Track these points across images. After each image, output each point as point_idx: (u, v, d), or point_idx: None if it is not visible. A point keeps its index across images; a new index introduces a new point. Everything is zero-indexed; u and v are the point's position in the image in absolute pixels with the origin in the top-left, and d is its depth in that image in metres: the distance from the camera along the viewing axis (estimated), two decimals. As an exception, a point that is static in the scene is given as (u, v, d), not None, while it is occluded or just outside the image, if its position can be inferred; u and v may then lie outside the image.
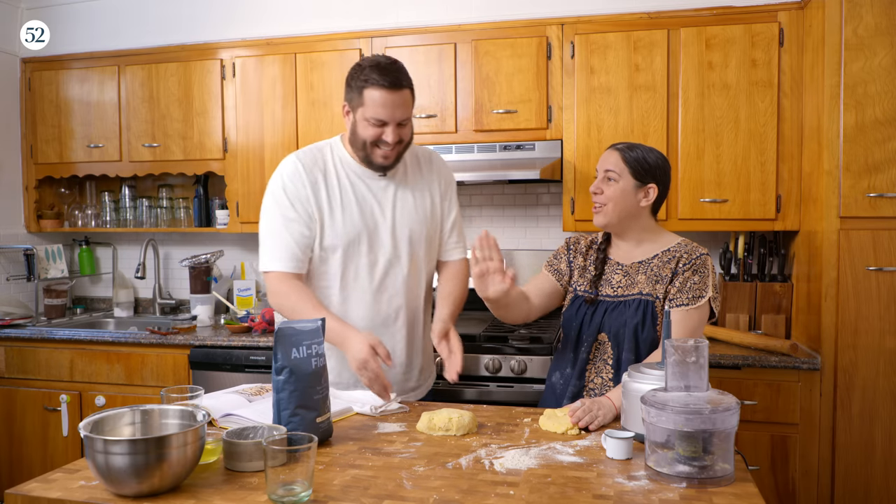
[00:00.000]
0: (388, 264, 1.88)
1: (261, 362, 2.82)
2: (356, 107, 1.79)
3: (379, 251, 1.88)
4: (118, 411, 1.28)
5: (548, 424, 1.54)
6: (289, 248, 1.82)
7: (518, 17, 2.95)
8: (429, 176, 1.98)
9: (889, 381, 2.34)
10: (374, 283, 1.88)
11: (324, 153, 1.90)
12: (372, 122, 1.76)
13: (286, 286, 1.80)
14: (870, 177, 2.34)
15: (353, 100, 1.79)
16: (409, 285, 1.92)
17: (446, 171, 2.04)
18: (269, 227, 1.86)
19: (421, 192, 1.95)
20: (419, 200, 1.93)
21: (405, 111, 1.78)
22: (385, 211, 1.89)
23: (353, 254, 1.86)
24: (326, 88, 3.09)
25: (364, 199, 1.88)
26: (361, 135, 1.79)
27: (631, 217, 1.79)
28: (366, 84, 1.75)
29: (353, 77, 1.79)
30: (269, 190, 1.89)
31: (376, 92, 1.73)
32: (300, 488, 1.15)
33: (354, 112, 1.80)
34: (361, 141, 1.80)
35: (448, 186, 2.02)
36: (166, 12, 3.39)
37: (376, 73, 1.74)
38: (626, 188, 1.77)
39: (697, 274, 1.74)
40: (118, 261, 3.81)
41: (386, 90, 1.73)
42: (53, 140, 3.48)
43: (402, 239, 1.89)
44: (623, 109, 2.79)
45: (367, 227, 1.86)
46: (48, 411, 3.09)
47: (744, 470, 1.30)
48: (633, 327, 1.75)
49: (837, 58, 2.36)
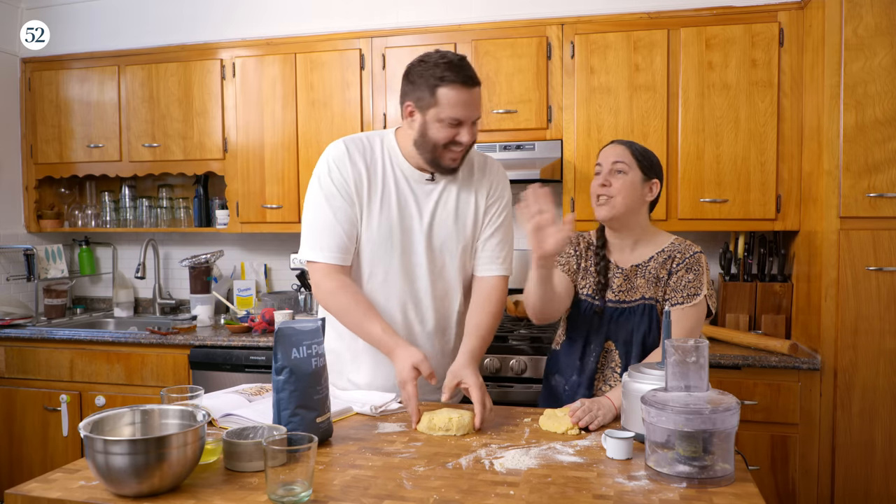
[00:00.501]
0: (418, 271, 1.78)
1: (261, 362, 2.82)
2: (426, 107, 1.66)
3: (411, 256, 1.77)
4: (118, 411, 1.28)
5: (548, 424, 1.54)
6: (336, 238, 1.72)
7: (518, 17, 2.95)
8: (479, 183, 1.83)
9: (889, 381, 2.34)
10: (402, 288, 1.78)
11: (373, 144, 1.79)
12: (448, 122, 1.65)
13: (334, 283, 1.70)
14: (870, 177, 2.34)
15: (423, 99, 1.66)
16: (439, 296, 1.80)
17: (499, 180, 1.86)
18: (315, 213, 1.74)
19: (466, 199, 1.80)
20: (462, 208, 1.80)
21: (479, 109, 1.69)
22: (424, 216, 1.77)
23: (384, 254, 1.76)
24: (326, 88, 3.09)
25: (405, 199, 1.76)
26: (434, 137, 1.67)
27: (634, 212, 1.78)
28: (441, 82, 1.63)
29: (422, 75, 1.66)
30: (314, 175, 1.77)
31: (453, 91, 1.63)
32: (300, 488, 1.15)
33: (424, 112, 1.67)
34: (432, 143, 1.68)
35: (497, 196, 1.85)
36: (166, 12, 3.39)
37: (451, 70, 1.63)
38: (636, 181, 1.76)
39: (692, 272, 1.74)
40: (118, 261, 3.81)
41: (464, 88, 1.63)
42: (53, 140, 3.48)
43: (436, 247, 1.78)
44: (623, 109, 2.79)
45: (401, 229, 1.75)
46: (48, 411, 3.09)
47: (744, 470, 1.30)
48: (641, 335, 1.75)
49: (837, 58, 2.36)
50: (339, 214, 1.73)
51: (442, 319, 1.83)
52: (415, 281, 1.79)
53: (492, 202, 1.84)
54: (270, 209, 3.18)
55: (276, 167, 3.16)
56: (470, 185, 1.82)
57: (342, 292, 1.70)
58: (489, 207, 1.83)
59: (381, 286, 1.78)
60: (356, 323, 1.70)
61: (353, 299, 1.69)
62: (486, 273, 1.83)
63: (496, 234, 1.83)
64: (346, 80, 3.06)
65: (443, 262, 1.80)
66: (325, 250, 1.72)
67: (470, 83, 1.65)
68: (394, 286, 1.78)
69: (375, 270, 1.77)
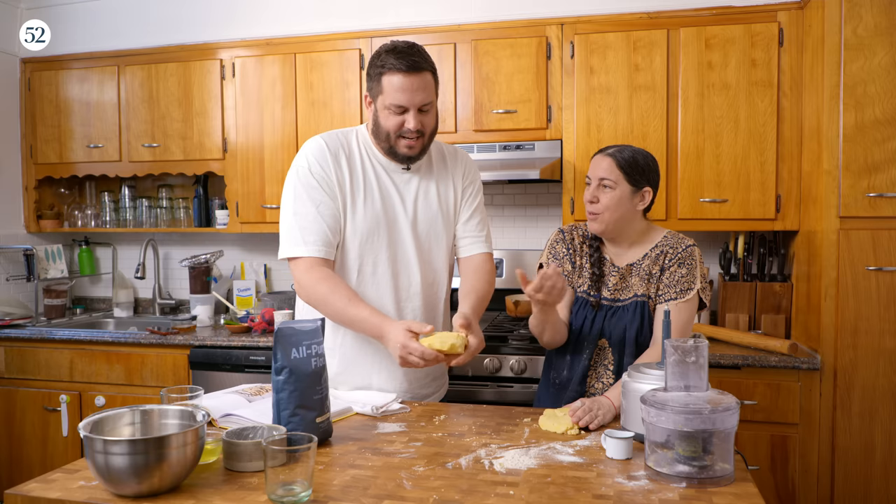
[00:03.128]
0: (407, 260, 1.80)
1: (260, 362, 2.82)
2: (376, 95, 1.71)
3: (398, 246, 1.80)
4: (118, 411, 1.28)
5: (548, 424, 1.54)
6: (319, 232, 1.71)
7: (518, 17, 2.95)
8: (453, 169, 1.88)
9: (889, 381, 2.34)
10: (392, 279, 1.79)
11: (349, 138, 1.81)
12: (392, 109, 1.68)
13: (315, 274, 1.70)
14: (869, 177, 2.34)
15: (373, 88, 1.71)
16: (428, 283, 1.84)
17: (471, 165, 1.94)
18: (295, 209, 1.73)
19: (444, 187, 1.86)
20: (442, 196, 1.85)
21: (426, 95, 1.69)
22: (407, 205, 1.80)
23: (371, 247, 1.78)
24: (326, 88, 3.09)
25: (387, 190, 1.79)
26: (384, 125, 1.71)
27: (626, 222, 1.78)
28: (383, 69, 1.67)
29: (372, 65, 1.71)
30: (293, 170, 1.77)
31: (395, 77, 1.65)
32: (300, 488, 1.15)
33: (375, 101, 1.72)
34: (385, 132, 1.72)
35: (471, 180, 1.91)
36: (166, 12, 3.39)
37: (393, 57, 1.66)
38: (623, 195, 1.75)
39: (684, 266, 1.74)
40: (118, 261, 3.81)
41: (404, 74, 1.65)
42: (53, 140, 3.48)
43: (422, 235, 1.82)
44: (623, 109, 2.79)
45: (387, 220, 1.78)
46: (48, 411, 3.09)
47: (744, 470, 1.30)
48: (633, 332, 1.75)
49: (837, 58, 2.36)
50: (322, 208, 1.73)
51: (431, 308, 1.86)
52: (404, 270, 1.81)
53: (467, 184, 1.90)
54: (270, 209, 3.18)
55: (275, 167, 3.16)
56: (445, 171, 1.88)
57: (324, 282, 1.69)
58: (465, 190, 1.90)
59: (370, 279, 1.80)
60: (340, 309, 1.68)
61: (335, 287, 1.68)
62: (473, 251, 1.90)
63: (475, 215, 1.90)
64: (345, 80, 3.06)
65: (429, 249, 1.84)
66: (310, 245, 1.71)
67: (412, 69, 1.65)
68: (383, 277, 1.80)
69: (365, 263, 1.79)
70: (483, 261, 1.89)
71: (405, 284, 1.82)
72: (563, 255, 1.87)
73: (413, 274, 1.82)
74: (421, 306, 1.83)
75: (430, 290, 1.85)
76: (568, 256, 1.87)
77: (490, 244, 1.93)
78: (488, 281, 1.86)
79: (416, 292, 1.82)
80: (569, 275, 1.86)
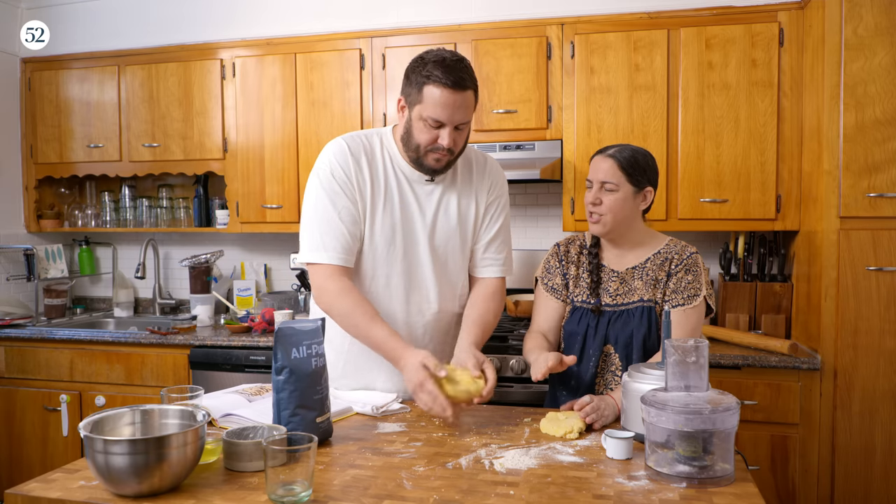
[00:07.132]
0: (422, 274, 1.76)
1: (261, 362, 2.82)
2: (413, 103, 1.65)
3: (413, 259, 1.75)
4: (118, 411, 1.28)
5: (548, 427, 1.52)
6: (341, 238, 1.68)
7: (518, 16, 2.95)
8: (479, 182, 1.81)
9: (889, 381, 2.34)
10: (405, 293, 1.75)
11: (372, 143, 1.76)
12: (429, 122, 1.62)
13: (337, 285, 1.66)
14: (870, 177, 2.34)
15: (411, 95, 1.65)
16: (444, 296, 1.79)
17: (498, 178, 1.86)
18: (317, 213, 1.69)
19: (467, 201, 1.79)
20: (463, 211, 1.78)
21: (465, 114, 1.63)
22: (426, 217, 1.75)
23: (386, 258, 1.73)
24: (326, 88, 3.09)
25: (407, 201, 1.74)
26: (416, 137, 1.66)
27: (628, 223, 1.78)
28: (427, 80, 1.60)
29: (414, 71, 1.64)
30: (314, 173, 1.73)
31: (437, 90, 1.59)
32: (300, 488, 1.15)
33: (411, 109, 1.66)
34: (415, 143, 1.67)
35: (497, 194, 1.84)
36: (166, 12, 3.39)
37: (440, 69, 1.59)
38: (626, 196, 1.74)
39: (691, 273, 1.74)
40: (118, 261, 3.81)
41: (448, 89, 1.59)
42: (53, 140, 3.48)
43: (439, 249, 1.76)
44: (623, 109, 2.79)
45: (403, 232, 1.73)
46: (48, 411, 3.09)
47: (744, 470, 1.30)
48: (641, 337, 1.74)
49: (837, 58, 2.36)
50: (344, 214, 1.69)
51: (444, 322, 1.82)
52: (418, 283, 1.77)
53: (492, 200, 1.83)
54: (270, 209, 3.18)
55: (276, 167, 3.16)
56: (470, 184, 1.80)
57: (346, 295, 1.65)
58: (489, 206, 1.83)
59: (383, 289, 1.76)
60: (359, 326, 1.65)
61: (358, 303, 1.65)
62: (488, 274, 1.83)
63: (498, 234, 1.83)
64: (345, 79, 3.06)
65: (445, 264, 1.79)
66: (330, 251, 1.67)
67: (458, 86, 1.60)
68: (396, 289, 1.76)
69: (378, 273, 1.75)
70: (497, 288, 1.83)
71: (417, 299, 1.77)
72: (555, 269, 1.87)
73: (426, 289, 1.77)
74: (434, 320, 1.79)
75: (444, 304, 1.80)
76: (560, 269, 1.86)
77: (509, 267, 1.86)
78: (496, 312, 1.80)
79: (429, 307, 1.78)
80: (559, 288, 1.86)
